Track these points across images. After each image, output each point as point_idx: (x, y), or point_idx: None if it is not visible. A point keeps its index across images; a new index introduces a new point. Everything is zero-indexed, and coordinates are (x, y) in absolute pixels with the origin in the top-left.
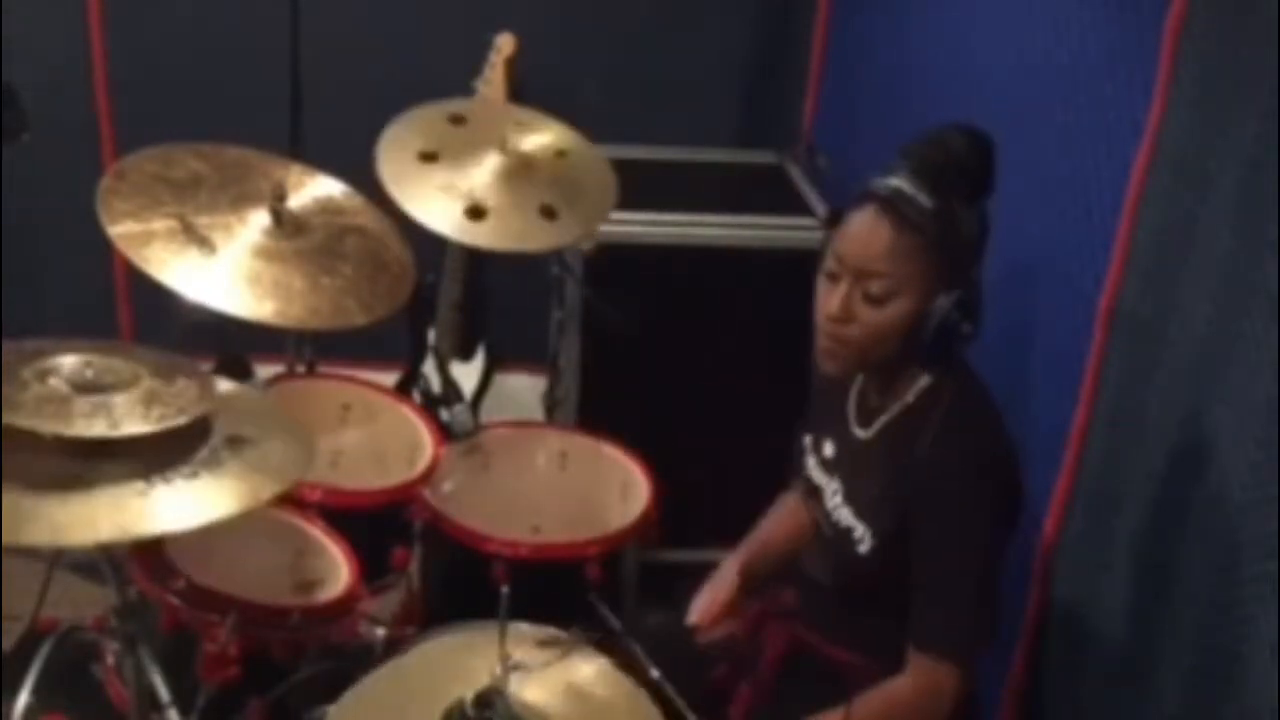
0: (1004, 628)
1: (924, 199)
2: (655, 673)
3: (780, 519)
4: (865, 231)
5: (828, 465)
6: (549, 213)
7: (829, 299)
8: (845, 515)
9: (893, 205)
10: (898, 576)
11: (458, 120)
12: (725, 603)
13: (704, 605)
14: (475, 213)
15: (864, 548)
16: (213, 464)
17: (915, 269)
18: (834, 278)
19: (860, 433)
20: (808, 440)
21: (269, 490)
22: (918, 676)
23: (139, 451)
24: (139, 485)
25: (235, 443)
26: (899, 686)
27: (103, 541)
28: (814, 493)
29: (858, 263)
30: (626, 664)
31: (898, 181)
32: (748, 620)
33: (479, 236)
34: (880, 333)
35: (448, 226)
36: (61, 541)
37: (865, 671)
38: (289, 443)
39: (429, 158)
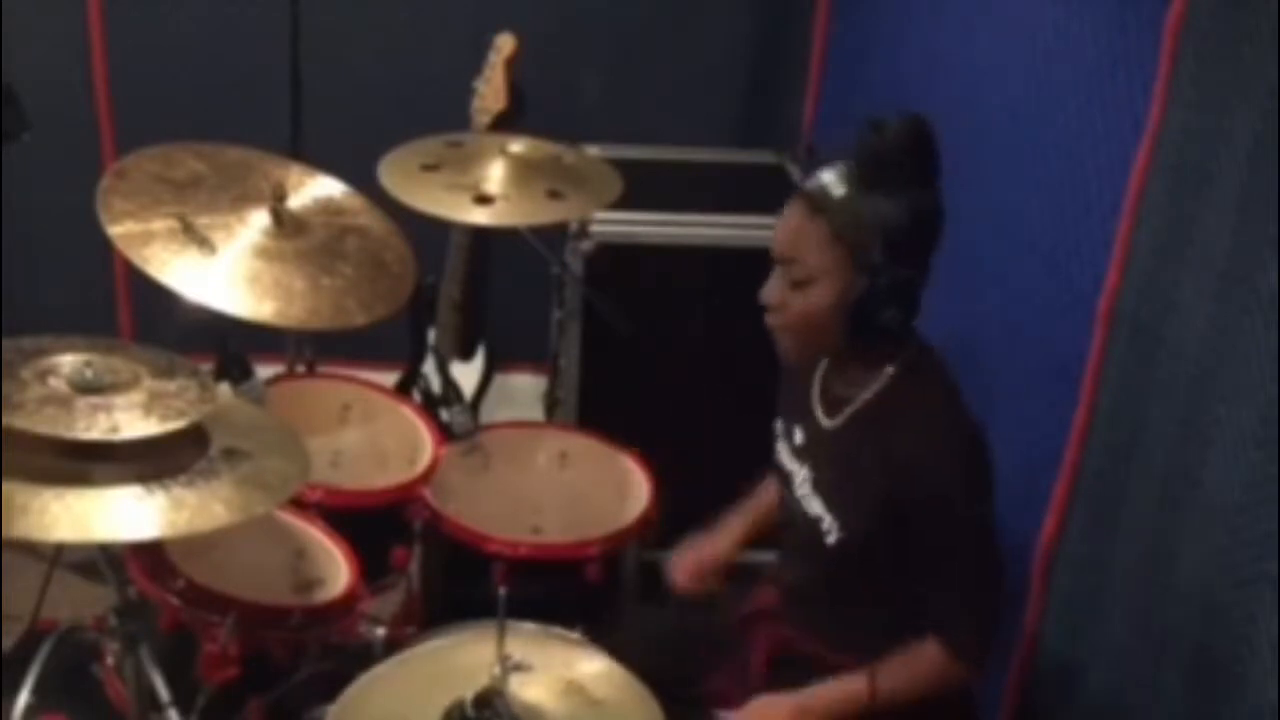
0: (1004, 627)
1: (839, 189)
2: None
3: (769, 492)
4: (784, 220)
5: (798, 452)
6: (555, 195)
7: (765, 288)
8: (814, 505)
9: (810, 195)
10: (866, 568)
11: (454, 145)
12: (710, 562)
13: (690, 561)
14: (483, 200)
15: (831, 538)
16: (209, 475)
17: (827, 256)
18: (773, 268)
19: (826, 422)
20: (779, 426)
21: (262, 504)
22: (946, 653)
23: (138, 456)
24: (136, 489)
25: (231, 455)
26: (929, 662)
27: (97, 541)
28: (785, 479)
29: (779, 250)
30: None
31: (825, 173)
32: (735, 624)
33: (488, 218)
34: (807, 318)
35: (457, 212)
36: (57, 538)
37: (853, 667)
38: (285, 458)
39: (430, 169)
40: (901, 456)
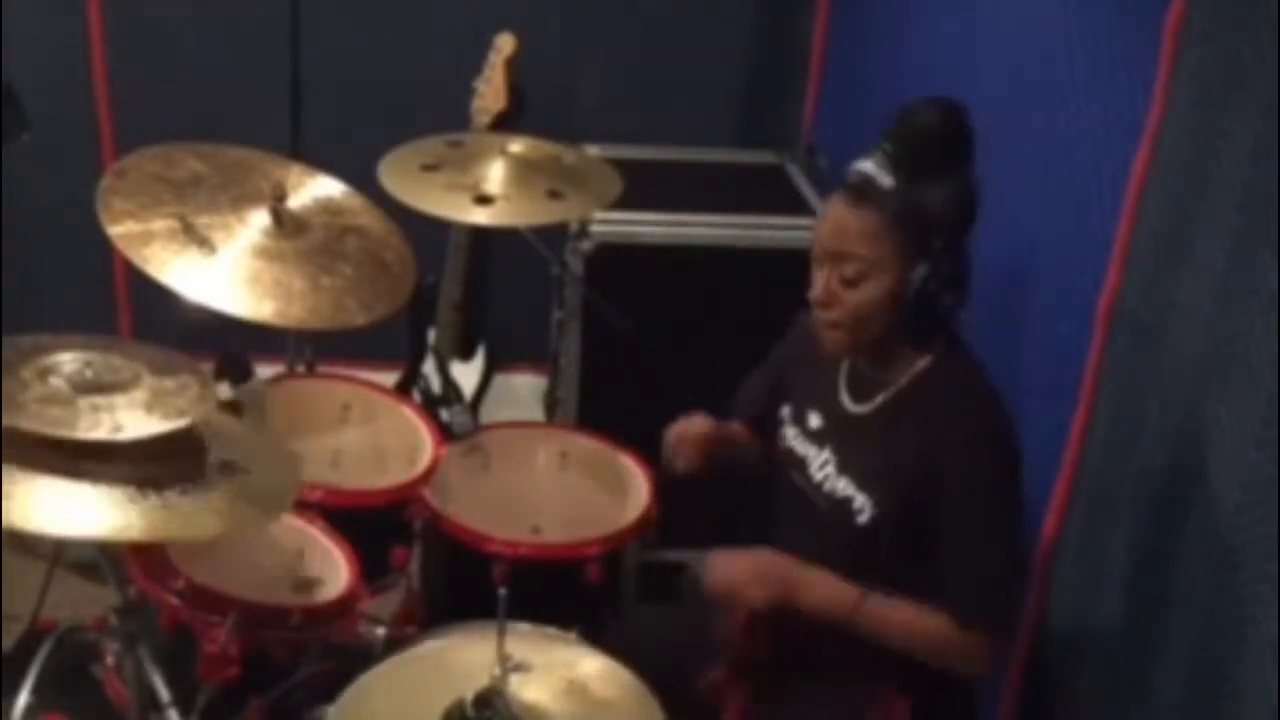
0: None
1: (886, 179)
2: None
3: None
4: (833, 216)
5: (814, 436)
6: (555, 195)
7: (813, 285)
8: (842, 485)
9: (856, 188)
10: (894, 548)
11: (454, 145)
12: (696, 436)
13: (676, 433)
14: (483, 200)
15: (863, 518)
16: (205, 485)
17: (884, 248)
18: (818, 264)
19: (854, 406)
20: (786, 411)
21: (253, 518)
22: (954, 619)
23: (135, 459)
24: (130, 491)
25: (228, 468)
26: (933, 620)
27: (86, 538)
28: (796, 463)
29: (830, 247)
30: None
31: (865, 164)
32: (737, 623)
33: (488, 218)
34: (861, 312)
35: (457, 212)
36: (47, 530)
37: (860, 660)
38: (279, 473)
39: (430, 169)
40: (940, 440)
